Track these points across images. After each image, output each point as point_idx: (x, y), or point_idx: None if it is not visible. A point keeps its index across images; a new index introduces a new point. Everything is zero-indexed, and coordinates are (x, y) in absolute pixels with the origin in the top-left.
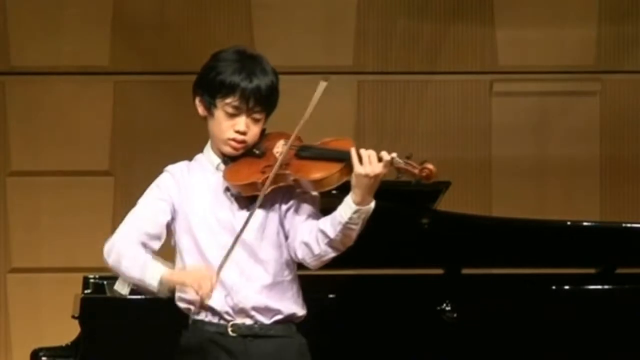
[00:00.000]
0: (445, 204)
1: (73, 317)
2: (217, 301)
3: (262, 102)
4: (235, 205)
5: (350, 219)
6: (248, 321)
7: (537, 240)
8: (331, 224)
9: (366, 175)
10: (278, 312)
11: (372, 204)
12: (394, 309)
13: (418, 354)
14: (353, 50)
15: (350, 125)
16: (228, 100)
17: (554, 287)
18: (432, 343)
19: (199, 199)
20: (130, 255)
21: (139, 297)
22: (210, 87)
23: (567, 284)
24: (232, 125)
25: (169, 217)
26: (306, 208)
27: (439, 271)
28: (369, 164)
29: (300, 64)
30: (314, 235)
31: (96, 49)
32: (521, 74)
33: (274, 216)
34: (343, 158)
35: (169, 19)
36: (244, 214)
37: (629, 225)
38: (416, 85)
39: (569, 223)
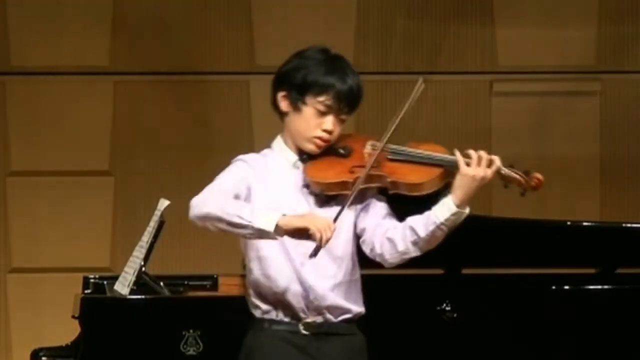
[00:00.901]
0: None
1: (73, 317)
2: (294, 298)
3: (353, 102)
4: (312, 202)
5: (446, 220)
6: (319, 319)
7: (537, 240)
8: (423, 223)
9: (473, 177)
10: (348, 311)
11: (467, 210)
12: (394, 309)
13: (418, 354)
14: (353, 50)
15: (350, 125)
16: (321, 99)
17: (554, 287)
18: (432, 343)
19: (277, 193)
20: (231, 202)
21: (139, 297)
22: (302, 85)
23: (567, 284)
24: (319, 124)
25: (245, 193)
26: (382, 206)
27: (439, 271)
28: (478, 165)
29: None
30: (400, 231)
31: (96, 49)
32: (521, 74)
33: (349, 215)
34: (442, 164)
35: (169, 19)
36: (322, 212)
37: (629, 225)
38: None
39: (569, 223)
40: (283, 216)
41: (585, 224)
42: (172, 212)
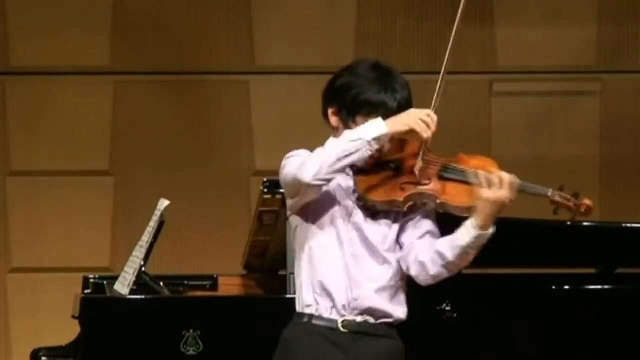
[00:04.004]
0: None
1: (73, 317)
2: (338, 293)
3: None
4: (364, 208)
5: (470, 243)
6: (358, 319)
7: (537, 240)
8: (450, 247)
9: (494, 202)
10: (389, 315)
11: (492, 230)
12: None
13: (418, 354)
14: (353, 51)
15: None
16: (371, 119)
17: (554, 287)
18: (432, 343)
19: (330, 195)
20: (330, 144)
21: (139, 297)
22: (352, 105)
23: (567, 284)
24: None
25: None
26: (426, 224)
27: None
28: (498, 188)
29: (300, 64)
30: (429, 255)
31: (96, 49)
32: (521, 74)
33: (395, 225)
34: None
35: (169, 19)
36: (372, 219)
37: (629, 225)
38: (416, 85)
39: (569, 223)
40: (386, 121)
41: (585, 224)
42: (172, 212)
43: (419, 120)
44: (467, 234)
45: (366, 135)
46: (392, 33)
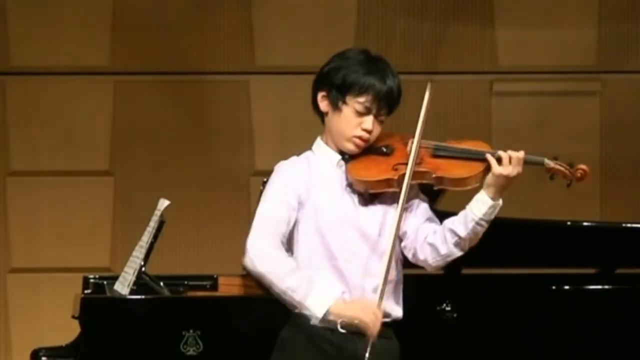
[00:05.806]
0: (445, 204)
1: (73, 317)
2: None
3: (392, 104)
4: (357, 201)
5: (484, 215)
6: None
7: (537, 240)
8: (461, 222)
9: (506, 176)
10: (387, 315)
11: (501, 201)
12: None
13: (418, 354)
14: None
15: None
16: (361, 99)
17: (554, 287)
18: (432, 343)
19: (323, 194)
20: (289, 271)
21: (139, 297)
22: (342, 85)
23: (567, 284)
24: (359, 124)
25: (295, 214)
26: (423, 210)
27: (439, 271)
28: (508, 164)
29: (300, 64)
30: (440, 235)
31: (96, 49)
32: (521, 74)
33: (395, 213)
34: (485, 159)
35: (169, 19)
36: (367, 209)
37: (629, 225)
38: (416, 85)
39: (569, 223)
40: (336, 303)
41: (585, 224)
42: (172, 212)
43: (371, 314)
44: (480, 206)
45: (306, 305)
46: (392, 33)
